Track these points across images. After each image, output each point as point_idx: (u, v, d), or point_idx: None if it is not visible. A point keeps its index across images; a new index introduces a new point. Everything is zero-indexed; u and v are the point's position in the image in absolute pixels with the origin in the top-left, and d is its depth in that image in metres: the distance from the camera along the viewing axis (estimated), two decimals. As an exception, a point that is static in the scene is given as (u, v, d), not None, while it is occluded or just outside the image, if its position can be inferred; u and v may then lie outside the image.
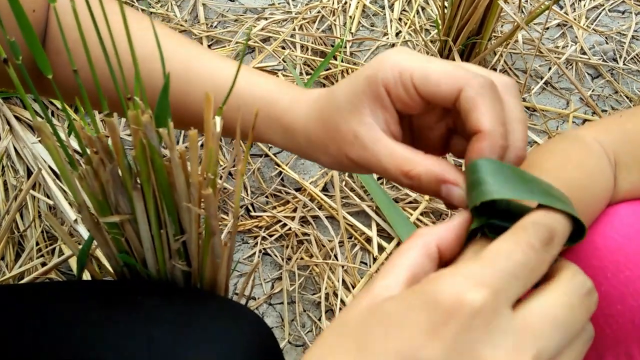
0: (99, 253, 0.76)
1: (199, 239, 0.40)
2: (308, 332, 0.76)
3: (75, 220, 0.79)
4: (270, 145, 0.91)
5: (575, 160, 0.38)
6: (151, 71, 0.38)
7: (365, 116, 0.30)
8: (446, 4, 0.93)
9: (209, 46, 1.04)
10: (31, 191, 0.83)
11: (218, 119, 0.33)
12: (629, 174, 0.39)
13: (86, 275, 0.71)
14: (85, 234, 0.76)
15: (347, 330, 0.21)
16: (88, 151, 0.35)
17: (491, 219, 0.25)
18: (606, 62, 1.03)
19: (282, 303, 0.78)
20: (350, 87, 0.31)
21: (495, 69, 1.00)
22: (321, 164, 0.35)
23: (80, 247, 0.46)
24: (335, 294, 0.77)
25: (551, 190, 0.26)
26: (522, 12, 1.07)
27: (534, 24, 1.07)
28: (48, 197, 0.83)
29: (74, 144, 0.86)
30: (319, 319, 0.77)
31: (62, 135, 0.73)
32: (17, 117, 0.92)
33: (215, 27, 1.06)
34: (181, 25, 1.05)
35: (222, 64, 0.39)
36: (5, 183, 0.86)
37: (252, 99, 0.37)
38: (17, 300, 0.40)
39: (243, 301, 0.74)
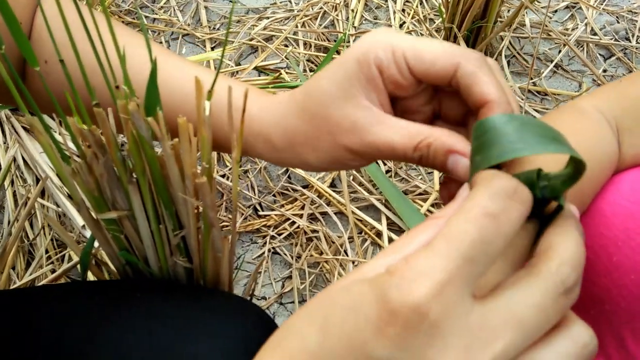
0: (104, 256, 0.75)
1: (198, 234, 0.39)
2: (322, 330, 0.75)
3: (84, 226, 0.79)
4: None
5: (575, 129, 0.37)
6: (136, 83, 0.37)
7: (361, 99, 0.29)
8: (449, -9, 0.91)
9: (212, 48, 1.03)
10: (40, 199, 0.83)
11: (207, 104, 0.31)
12: (633, 139, 0.38)
13: (92, 278, 0.71)
14: (93, 239, 0.76)
15: (320, 305, 0.20)
16: (82, 147, 0.34)
17: None
18: (618, 41, 1.01)
19: (293, 302, 0.77)
20: (339, 72, 0.30)
21: (501, 54, 0.98)
22: (305, 165, 0.33)
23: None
24: (348, 291, 0.76)
25: (556, 135, 0.24)
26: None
27: (542, 7, 1.05)
28: (57, 205, 0.83)
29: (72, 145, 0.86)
30: (332, 317, 0.75)
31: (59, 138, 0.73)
32: (25, 128, 0.92)
33: (218, 29, 1.06)
34: (184, 29, 1.05)
35: (197, 72, 0.37)
36: (14, 193, 0.86)
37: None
38: (19, 302, 0.40)
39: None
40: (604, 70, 0.97)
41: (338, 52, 0.99)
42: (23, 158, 0.89)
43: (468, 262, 0.18)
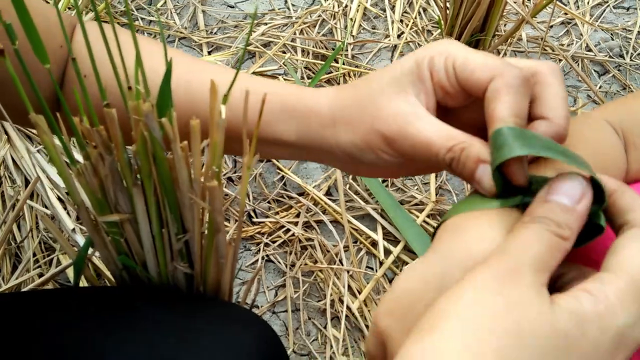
0: (98, 262, 0.73)
1: (201, 238, 0.38)
2: (313, 340, 0.74)
3: (74, 230, 0.77)
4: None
5: (585, 137, 0.38)
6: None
7: (410, 96, 0.31)
8: (448, 4, 0.91)
9: (209, 52, 1.02)
10: (29, 201, 0.81)
11: (223, 108, 0.31)
12: (639, 153, 0.39)
13: (84, 284, 0.69)
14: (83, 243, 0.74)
15: (527, 344, 0.21)
16: (88, 148, 0.33)
17: (526, 197, 0.24)
18: (612, 58, 1.02)
19: (286, 311, 0.75)
20: (397, 67, 0.32)
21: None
22: (337, 146, 0.34)
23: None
24: (341, 300, 0.75)
25: (569, 152, 0.26)
26: (527, 8, 1.06)
27: (538, 22, 1.06)
28: (46, 208, 0.81)
29: (78, 156, 0.84)
30: (325, 327, 0.74)
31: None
32: (15, 127, 0.90)
33: (215, 33, 1.05)
34: (181, 32, 1.04)
35: (224, 74, 0.38)
36: (2, 194, 0.84)
37: (268, 96, 0.36)
38: (9, 308, 0.38)
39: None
40: (599, 87, 0.99)
41: (336, 61, 0.99)
42: (12, 158, 0.87)
43: None
